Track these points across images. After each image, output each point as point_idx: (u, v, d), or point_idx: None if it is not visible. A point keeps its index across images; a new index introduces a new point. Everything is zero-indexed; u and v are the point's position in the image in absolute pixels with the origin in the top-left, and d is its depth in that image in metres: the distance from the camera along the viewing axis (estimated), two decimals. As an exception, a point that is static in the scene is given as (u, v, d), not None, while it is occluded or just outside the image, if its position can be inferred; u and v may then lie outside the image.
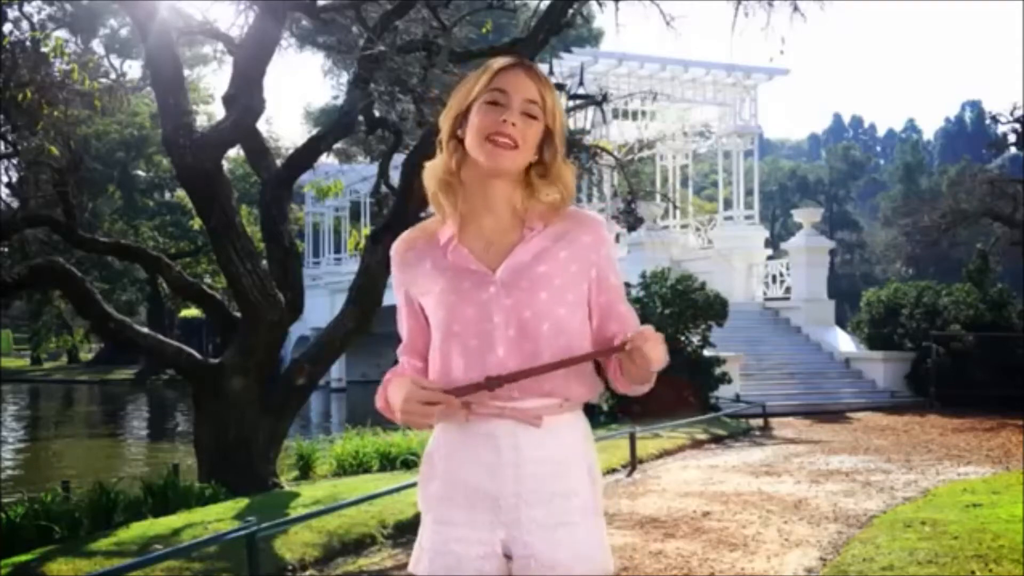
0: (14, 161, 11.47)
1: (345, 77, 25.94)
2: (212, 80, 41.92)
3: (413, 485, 6.71)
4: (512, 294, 1.87)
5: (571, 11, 9.44)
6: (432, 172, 1.94)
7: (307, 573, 5.73)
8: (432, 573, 1.91)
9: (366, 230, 11.00)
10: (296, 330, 20.20)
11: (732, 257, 21.81)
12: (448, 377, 1.88)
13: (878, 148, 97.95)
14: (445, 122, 1.92)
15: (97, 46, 36.82)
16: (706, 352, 15.41)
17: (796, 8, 10.27)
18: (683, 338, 15.27)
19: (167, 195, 38.82)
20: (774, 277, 22.42)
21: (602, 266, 1.94)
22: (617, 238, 16.87)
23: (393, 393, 1.89)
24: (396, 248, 2.00)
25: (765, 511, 7.47)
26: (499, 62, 1.90)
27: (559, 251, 1.90)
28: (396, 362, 2.05)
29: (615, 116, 21.98)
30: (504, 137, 1.84)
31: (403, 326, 2.03)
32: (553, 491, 1.88)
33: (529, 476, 1.87)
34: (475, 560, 1.89)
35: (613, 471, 9.49)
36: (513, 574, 1.90)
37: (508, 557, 1.90)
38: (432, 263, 1.92)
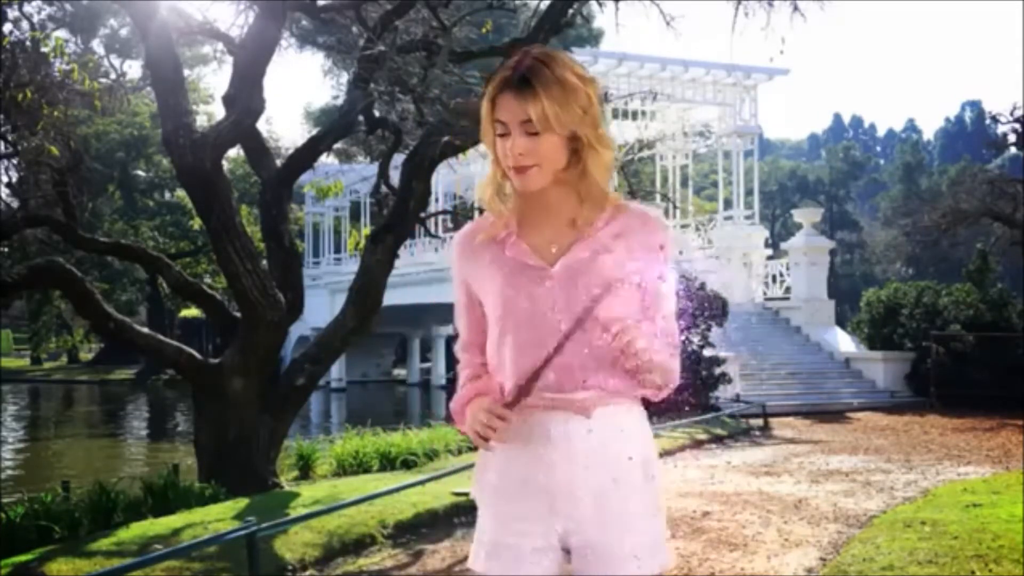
0: (14, 161, 11.46)
1: (345, 77, 25.87)
2: (212, 80, 42.05)
3: (413, 485, 6.78)
4: (567, 289, 1.88)
5: (571, 11, 9.44)
6: (484, 183, 1.97)
7: (307, 573, 5.73)
8: (489, 568, 1.92)
9: (366, 230, 11.00)
10: (296, 330, 20.20)
11: (732, 257, 21.80)
12: (503, 370, 1.90)
13: (878, 148, 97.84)
14: (486, 144, 1.94)
15: (97, 46, 36.83)
16: (706, 352, 15.43)
17: (796, 8, 10.27)
18: (683, 338, 15.28)
19: (167, 195, 38.83)
20: (774, 277, 22.43)
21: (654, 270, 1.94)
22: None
23: (469, 412, 1.92)
24: (457, 241, 2.02)
25: (765, 511, 7.47)
26: (492, 87, 1.87)
27: (617, 248, 1.90)
28: (456, 361, 2.06)
29: (615, 116, 21.95)
30: (518, 166, 1.86)
31: (462, 321, 2.04)
32: (605, 483, 1.89)
33: (582, 467, 1.88)
34: (532, 554, 1.90)
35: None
36: (571, 567, 1.91)
37: (566, 551, 1.91)
38: (491, 257, 1.94)
